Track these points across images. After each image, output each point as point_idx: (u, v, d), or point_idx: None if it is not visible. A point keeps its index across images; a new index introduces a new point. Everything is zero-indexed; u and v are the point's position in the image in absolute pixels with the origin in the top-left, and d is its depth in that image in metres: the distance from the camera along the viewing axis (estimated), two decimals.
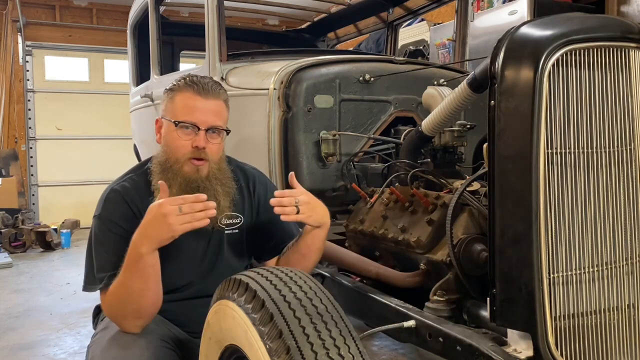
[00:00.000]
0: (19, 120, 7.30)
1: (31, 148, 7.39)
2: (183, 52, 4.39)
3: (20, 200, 6.85)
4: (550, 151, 1.19)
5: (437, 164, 1.91)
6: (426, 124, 1.80)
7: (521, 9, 4.24)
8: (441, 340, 1.37)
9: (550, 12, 1.62)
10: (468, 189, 1.58)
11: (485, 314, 1.37)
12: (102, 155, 7.52)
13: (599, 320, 1.24)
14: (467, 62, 3.28)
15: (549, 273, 1.20)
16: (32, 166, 7.40)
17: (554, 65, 1.19)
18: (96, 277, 1.54)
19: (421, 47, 5.21)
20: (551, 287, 1.20)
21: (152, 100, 3.24)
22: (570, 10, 3.20)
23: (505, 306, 1.24)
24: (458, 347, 1.31)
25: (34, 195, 7.39)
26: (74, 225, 6.49)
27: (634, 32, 1.26)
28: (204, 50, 2.61)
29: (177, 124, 1.58)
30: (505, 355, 1.22)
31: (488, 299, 1.28)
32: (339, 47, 4.44)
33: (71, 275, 4.78)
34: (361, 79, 2.27)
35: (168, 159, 1.60)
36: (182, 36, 4.20)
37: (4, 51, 7.19)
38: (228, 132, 1.66)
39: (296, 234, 1.71)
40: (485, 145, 1.36)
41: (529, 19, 4.08)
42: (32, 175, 7.39)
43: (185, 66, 4.92)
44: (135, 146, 4.19)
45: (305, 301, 1.20)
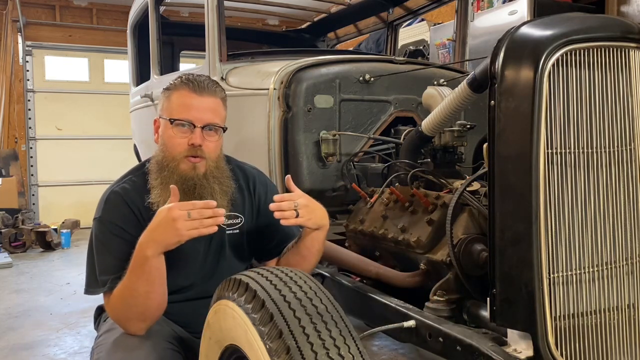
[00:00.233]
0: (19, 120, 7.30)
1: (31, 148, 7.40)
2: (183, 52, 4.39)
3: (20, 200, 6.85)
4: (550, 151, 1.19)
5: (437, 164, 1.91)
6: (426, 124, 1.80)
7: (521, 9, 4.24)
8: (441, 340, 1.37)
9: (550, 12, 1.62)
10: (468, 189, 1.58)
11: (485, 314, 1.37)
12: (102, 155, 7.52)
13: (599, 320, 1.24)
14: (467, 62, 3.28)
15: (549, 273, 1.20)
16: (32, 166, 7.40)
17: (554, 65, 1.19)
18: (98, 279, 1.53)
19: (421, 47, 5.21)
20: (551, 287, 1.20)
21: (152, 100, 3.24)
22: (570, 10, 3.21)
23: (505, 306, 1.24)
24: (458, 347, 1.31)
25: (34, 195, 7.39)
26: (74, 225, 6.49)
27: (634, 32, 1.26)
28: (204, 50, 2.61)
29: (173, 122, 1.58)
30: (505, 355, 1.22)
31: (488, 299, 1.28)
32: (339, 47, 4.44)
33: (71, 275, 4.78)
34: (361, 79, 2.27)
35: (165, 157, 1.59)
36: (182, 36, 4.20)
37: (4, 51, 7.19)
38: (225, 129, 1.66)
39: (297, 234, 1.71)
40: (485, 145, 1.36)
41: (529, 19, 4.08)
42: (32, 175, 7.40)
43: (185, 66, 4.92)
44: (135, 146, 4.19)
45: (305, 301, 1.20)
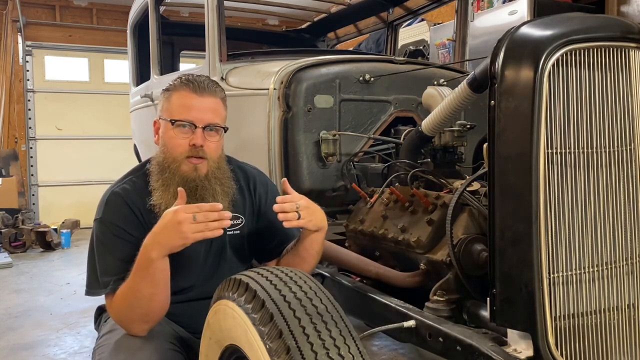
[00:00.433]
0: (19, 120, 7.31)
1: (31, 148, 7.40)
2: (183, 52, 4.39)
3: (20, 200, 6.85)
4: (550, 151, 1.19)
5: (437, 164, 1.91)
6: (426, 124, 1.80)
7: (521, 9, 4.24)
8: (441, 340, 1.37)
9: (550, 12, 1.62)
10: (468, 189, 1.58)
11: (485, 314, 1.37)
12: (102, 155, 7.53)
13: (599, 320, 1.24)
14: (467, 62, 3.28)
15: (549, 273, 1.20)
16: (32, 166, 7.40)
17: (554, 65, 1.19)
18: (100, 280, 1.53)
19: (421, 47, 5.21)
20: (551, 287, 1.20)
21: (152, 100, 3.24)
22: (570, 10, 3.21)
23: (505, 306, 1.24)
24: (458, 347, 1.31)
25: (34, 195, 7.39)
26: (74, 225, 6.49)
27: (634, 32, 1.26)
28: (204, 50, 2.61)
29: (174, 123, 1.57)
30: (505, 355, 1.22)
31: (488, 299, 1.28)
32: (339, 47, 4.44)
33: (71, 275, 4.78)
34: (361, 79, 2.27)
35: (166, 158, 1.59)
36: (182, 36, 4.20)
37: (4, 51, 7.19)
38: (226, 129, 1.66)
39: (297, 235, 1.71)
40: (485, 145, 1.36)
41: (529, 19, 4.08)
42: (32, 175, 7.40)
43: (185, 66, 4.92)
44: (135, 146, 4.19)
45: (305, 301, 1.20)
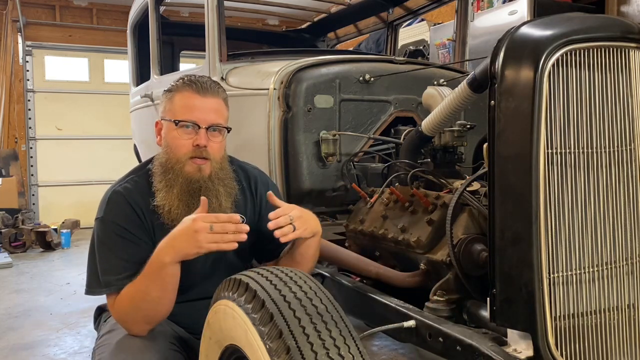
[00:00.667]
0: (19, 120, 7.31)
1: (31, 148, 7.40)
2: (183, 52, 4.39)
3: (20, 200, 6.85)
4: (550, 151, 1.19)
5: (437, 164, 1.91)
6: (426, 124, 1.80)
7: (521, 9, 4.24)
8: (441, 340, 1.37)
9: (550, 12, 1.62)
10: (468, 189, 1.58)
11: (485, 314, 1.37)
12: (102, 155, 7.53)
13: (599, 320, 1.24)
14: (467, 62, 3.28)
15: (549, 273, 1.20)
16: (32, 166, 7.40)
17: (554, 66, 1.19)
18: (101, 280, 1.53)
19: (421, 47, 5.21)
20: (551, 287, 1.20)
21: (152, 100, 3.24)
22: (570, 10, 3.21)
23: (505, 306, 1.24)
24: (458, 347, 1.31)
25: (34, 195, 7.39)
26: (74, 225, 6.49)
27: (634, 32, 1.25)
28: (204, 50, 2.61)
29: (177, 123, 1.57)
30: (505, 355, 1.22)
31: (488, 299, 1.28)
32: (339, 47, 4.44)
33: (71, 275, 4.78)
34: (361, 79, 2.27)
35: (169, 159, 1.59)
36: (182, 36, 4.20)
37: (4, 51, 7.20)
38: (229, 130, 1.66)
39: None
40: (485, 145, 1.36)
41: (529, 19, 4.08)
42: (32, 175, 7.40)
43: (185, 66, 4.92)
44: (135, 146, 4.19)
45: (305, 301, 1.20)
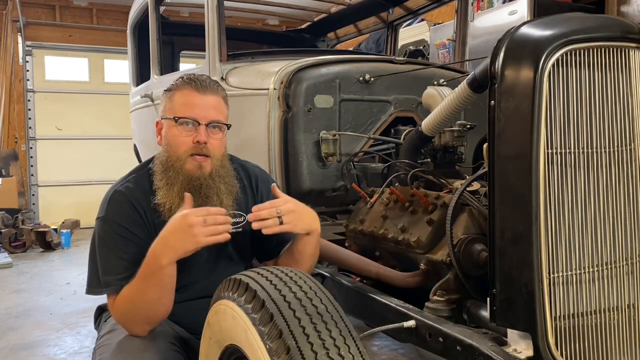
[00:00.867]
0: (19, 120, 7.31)
1: (31, 148, 7.40)
2: (183, 52, 4.39)
3: (20, 200, 6.85)
4: (550, 151, 1.19)
5: (437, 164, 1.91)
6: (426, 124, 1.80)
7: (521, 9, 4.24)
8: (441, 340, 1.37)
9: (550, 12, 1.62)
10: (468, 189, 1.58)
11: (485, 314, 1.37)
12: (102, 155, 7.53)
13: (599, 320, 1.24)
14: (467, 62, 3.28)
15: (549, 273, 1.20)
16: (32, 166, 7.40)
17: (554, 65, 1.19)
18: (102, 280, 1.53)
19: (421, 47, 5.21)
20: (551, 287, 1.20)
21: (152, 100, 3.24)
22: (570, 10, 3.20)
23: (505, 306, 1.24)
24: (458, 347, 1.31)
25: (34, 195, 7.39)
26: (74, 225, 6.49)
27: (634, 32, 1.25)
28: (204, 50, 2.61)
29: (177, 120, 1.57)
30: (505, 355, 1.22)
31: (488, 299, 1.28)
32: (339, 47, 4.44)
33: (71, 275, 4.78)
34: (361, 79, 2.27)
35: (169, 157, 1.59)
36: (182, 36, 4.20)
37: (4, 51, 7.20)
38: (229, 127, 1.66)
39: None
40: (485, 145, 1.36)
41: (529, 19, 4.08)
42: (32, 175, 7.40)
43: (185, 66, 4.92)
44: (135, 146, 4.19)
45: (305, 301, 1.20)
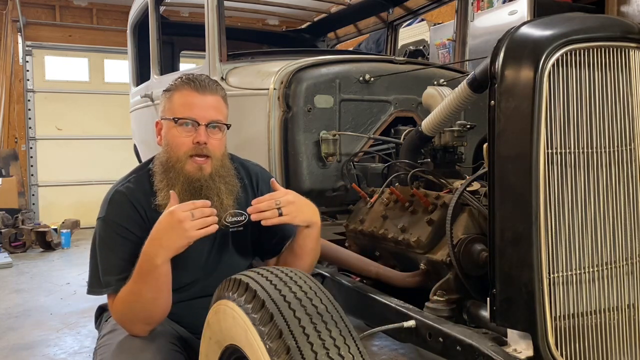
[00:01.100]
0: (19, 120, 7.31)
1: (31, 148, 7.40)
2: (183, 52, 4.39)
3: (20, 200, 6.85)
4: (550, 151, 1.19)
5: (437, 164, 1.91)
6: (426, 124, 1.80)
7: (521, 9, 4.24)
8: (441, 340, 1.37)
9: (550, 12, 1.62)
10: (468, 189, 1.58)
11: (485, 314, 1.37)
12: (102, 155, 7.53)
13: (599, 320, 1.24)
14: (467, 62, 3.28)
15: (549, 273, 1.20)
16: (32, 166, 7.40)
17: (554, 65, 1.19)
18: (102, 280, 1.53)
19: (421, 47, 5.21)
20: (551, 287, 1.20)
21: (152, 100, 3.24)
22: (570, 10, 3.20)
23: (505, 306, 1.24)
24: (458, 347, 1.31)
25: (34, 195, 7.39)
26: (74, 225, 6.49)
27: (634, 32, 1.25)
28: (204, 50, 2.61)
29: (177, 121, 1.57)
30: (505, 355, 1.22)
31: (488, 299, 1.28)
32: (339, 47, 4.44)
33: (71, 275, 4.77)
34: (361, 79, 2.27)
35: (169, 158, 1.59)
36: (182, 36, 4.20)
37: (4, 51, 7.20)
38: (228, 126, 1.66)
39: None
40: (485, 145, 1.36)
41: (529, 19, 4.08)
42: (32, 175, 7.40)
43: (185, 66, 4.92)
44: (135, 146, 4.19)
45: (305, 301, 1.20)
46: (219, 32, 2.53)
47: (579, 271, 1.22)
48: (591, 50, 1.21)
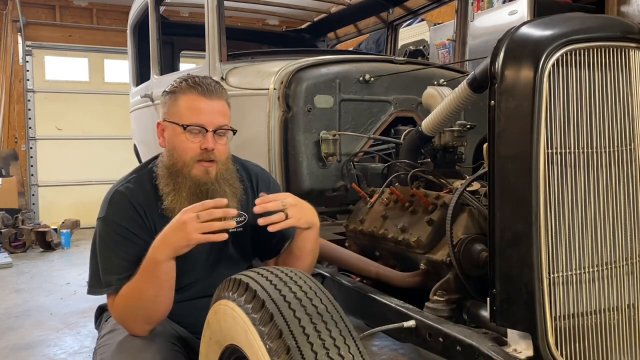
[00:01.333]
0: (19, 120, 7.31)
1: (31, 148, 7.40)
2: (183, 52, 4.39)
3: (20, 200, 6.85)
4: (550, 151, 1.19)
5: (437, 164, 1.91)
6: (426, 124, 1.80)
7: (521, 9, 4.24)
8: (441, 340, 1.37)
9: (550, 12, 1.61)
10: (468, 189, 1.58)
11: (485, 314, 1.37)
12: (102, 155, 7.53)
13: (599, 320, 1.24)
14: (467, 62, 3.28)
15: (549, 273, 1.20)
16: (32, 166, 7.40)
17: (554, 65, 1.19)
18: (102, 280, 1.53)
19: (421, 47, 5.21)
20: (551, 287, 1.20)
21: (152, 100, 3.24)
22: (570, 10, 3.20)
23: (505, 306, 1.24)
24: (458, 347, 1.31)
25: (34, 195, 7.39)
26: (74, 225, 6.49)
27: (634, 32, 1.25)
28: (204, 50, 2.61)
29: (185, 128, 1.56)
30: (505, 355, 1.22)
31: (488, 299, 1.28)
32: (339, 47, 4.44)
33: (71, 275, 4.77)
34: (361, 79, 2.27)
35: (175, 162, 1.58)
36: (182, 36, 4.20)
37: (4, 51, 7.20)
38: (235, 131, 1.65)
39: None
40: (485, 145, 1.36)
41: (529, 19, 4.08)
42: (32, 175, 7.40)
43: (185, 66, 4.92)
44: (135, 146, 4.19)
45: (305, 301, 1.20)
46: (219, 32, 2.53)
47: (579, 271, 1.22)
48: (591, 50, 1.21)
